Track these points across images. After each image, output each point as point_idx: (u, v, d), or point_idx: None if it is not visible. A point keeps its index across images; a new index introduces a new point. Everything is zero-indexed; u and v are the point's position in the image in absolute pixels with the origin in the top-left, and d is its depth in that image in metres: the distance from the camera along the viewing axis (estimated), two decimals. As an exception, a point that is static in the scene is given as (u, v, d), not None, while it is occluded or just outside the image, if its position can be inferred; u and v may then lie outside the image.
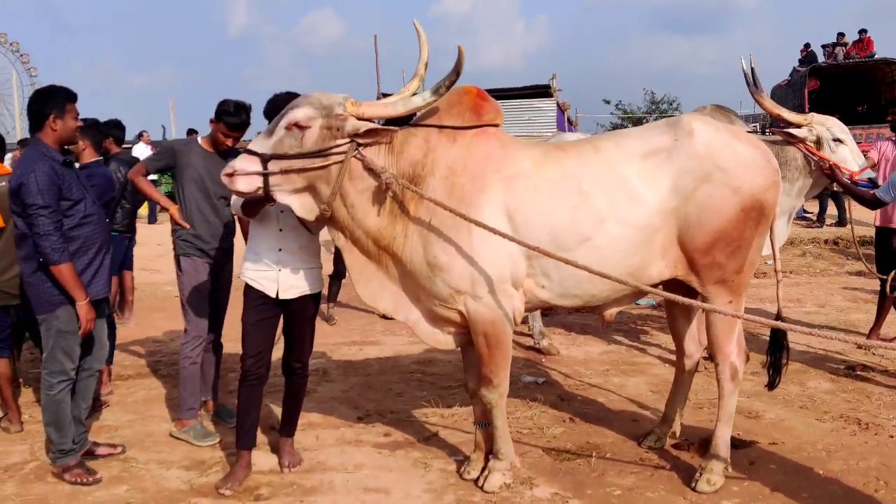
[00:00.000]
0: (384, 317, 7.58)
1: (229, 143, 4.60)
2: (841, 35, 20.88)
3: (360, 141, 3.53)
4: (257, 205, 3.84)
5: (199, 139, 4.78)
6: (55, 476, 4.11)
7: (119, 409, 5.22)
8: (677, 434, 4.41)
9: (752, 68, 5.25)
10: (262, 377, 4.08)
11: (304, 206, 3.66)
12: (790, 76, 22.44)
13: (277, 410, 4.65)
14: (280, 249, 4.00)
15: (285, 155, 3.49)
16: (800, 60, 22.27)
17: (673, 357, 6.14)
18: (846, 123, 5.31)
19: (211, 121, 4.62)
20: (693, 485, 3.85)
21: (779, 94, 21.34)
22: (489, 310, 3.65)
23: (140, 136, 17.15)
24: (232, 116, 4.52)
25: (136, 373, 6.01)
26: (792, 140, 5.05)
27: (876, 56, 20.03)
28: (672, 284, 3.81)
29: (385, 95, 18.82)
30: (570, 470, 4.12)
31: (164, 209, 4.97)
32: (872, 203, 5.02)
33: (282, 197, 3.60)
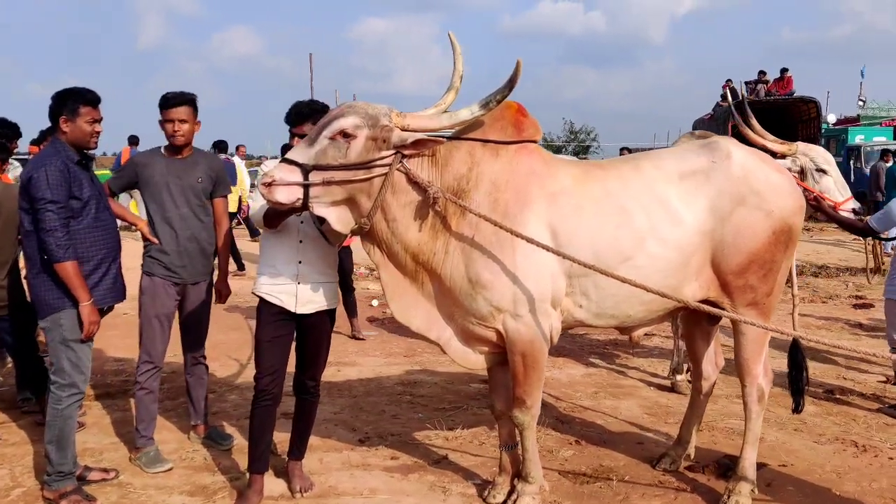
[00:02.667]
0: (354, 337, 7.52)
1: (176, 128, 4.31)
2: (762, 73, 21.92)
3: (406, 152, 3.42)
4: (282, 216, 3.68)
5: (162, 147, 4.55)
6: (49, 503, 3.79)
7: (98, 430, 4.89)
8: (692, 456, 4.41)
9: (742, 97, 5.38)
10: (276, 397, 3.89)
11: (341, 219, 3.52)
12: (713, 110, 23.41)
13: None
14: (300, 262, 3.83)
15: (328, 166, 3.35)
16: (722, 96, 23.24)
17: (654, 380, 6.28)
18: None
19: (159, 122, 4.39)
20: (721, 507, 3.85)
21: (701, 127, 22.16)
22: (529, 329, 3.58)
23: (237, 150, 15.43)
24: (169, 101, 4.29)
25: (104, 392, 5.65)
26: None
27: (795, 94, 21.10)
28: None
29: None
30: (593, 493, 4.07)
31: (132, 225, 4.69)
32: (863, 231, 5.20)
33: (319, 209, 3.45)
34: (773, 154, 5.20)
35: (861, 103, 28.77)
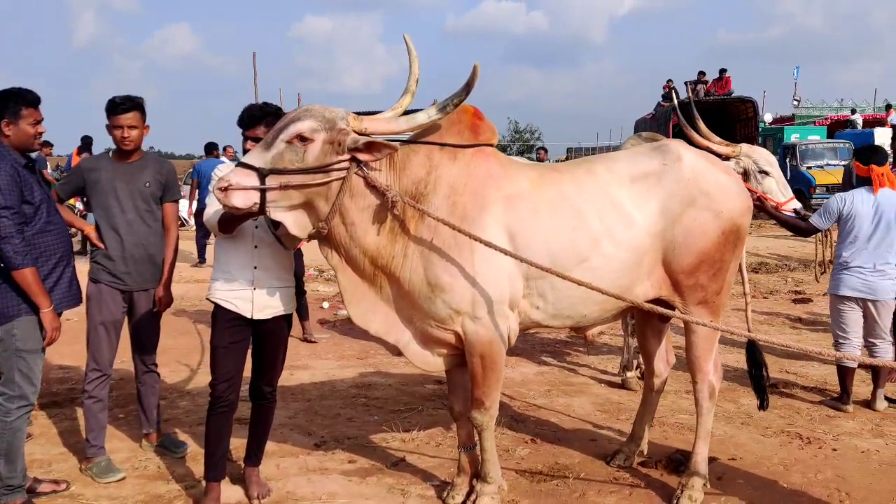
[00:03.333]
0: (306, 339, 7.47)
1: (125, 134, 4.23)
2: (702, 73, 22.41)
3: (360, 157, 3.42)
4: (238, 221, 3.64)
5: (110, 152, 4.47)
6: (-2, 518, 3.69)
7: (45, 440, 4.77)
8: (645, 452, 4.49)
9: (688, 98, 5.49)
10: (233, 403, 3.85)
11: (298, 224, 3.50)
12: (655, 110, 23.82)
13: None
14: (256, 267, 3.80)
15: (285, 170, 3.33)
16: (663, 96, 23.68)
17: (605, 377, 6.38)
18: None
19: (106, 126, 4.31)
20: (675, 502, 3.94)
21: (643, 127, 22.59)
22: (487, 331, 3.61)
23: (224, 151, 14.90)
24: (118, 107, 4.21)
25: (50, 401, 5.50)
26: None
27: (733, 94, 21.63)
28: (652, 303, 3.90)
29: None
30: (550, 491, 4.12)
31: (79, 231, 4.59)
32: (806, 231, 5.36)
33: (277, 213, 3.43)
34: (718, 156, 5.32)
35: (796, 103, 29.61)
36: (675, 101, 8.36)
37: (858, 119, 26.12)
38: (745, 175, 5.37)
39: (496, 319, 3.61)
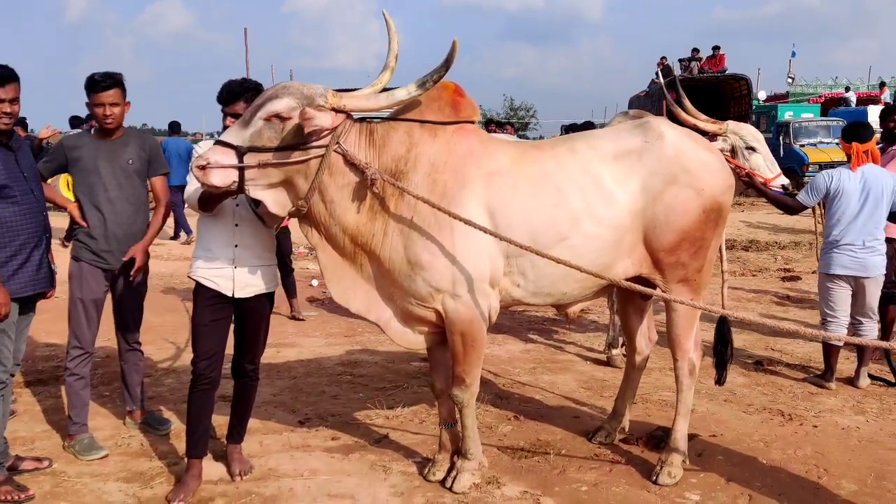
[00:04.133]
0: (293, 317, 7.47)
1: (107, 112, 4.19)
2: (696, 50, 22.32)
3: (337, 131, 3.40)
4: (218, 199, 3.63)
5: (92, 129, 4.44)
6: (-21, 494, 3.70)
7: (29, 418, 4.78)
8: (626, 429, 4.52)
9: (675, 75, 5.45)
10: (215, 381, 3.86)
11: (278, 202, 3.49)
12: (649, 87, 23.74)
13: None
14: (236, 245, 3.79)
15: (264, 147, 3.32)
16: (657, 73, 23.56)
17: (590, 355, 6.41)
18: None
19: (86, 104, 4.27)
20: (654, 478, 3.96)
21: (637, 104, 22.52)
22: (468, 309, 3.61)
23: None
24: (97, 84, 4.16)
25: (35, 379, 5.52)
26: None
27: (727, 71, 21.55)
28: (633, 281, 3.89)
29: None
30: (531, 468, 4.14)
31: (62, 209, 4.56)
32: (793, 207, 5.35)
33: (256, 192, 3.43)
34: (705, 133, 5.29)
35: (790, 80, 29.52)
36: (662, 81, 8.30)
37: (852, 97, 26.05)
38: (733, 152, 5.36)
39: (476, 297, 3.61)
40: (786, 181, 5.50)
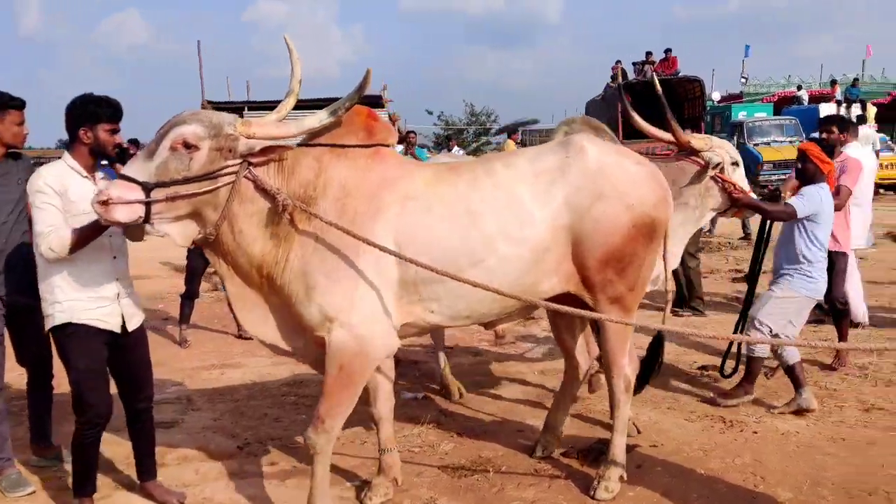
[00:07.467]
0: (240, 336, 7.36)
1: (14, 131, 4.10)
2: (649, 53, 22.53)
3: (254, 160, 3.33)
4: (96, 236, 3.49)
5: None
6: None
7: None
8: (560, 438, 4.50)
9: (634, 79, 5.29)
10: (105, 423, 3.72)
11: (184, 234, 3.39)
12: (604, 91, 23.88)
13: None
14: (118, 279, 3.71)
15: (172, 181, 3.21)
16: (612, 77, 23.75)
17: (539, 367, 6.38)
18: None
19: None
20: (592, 493, 3.95)
21: (594, 108, 22.67)
22: (355, 341, 3.46)
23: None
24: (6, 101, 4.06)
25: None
26: (703, 165, 4.79)
27: (680, 74, 21.76)
28: (565, 299, 3.86)
29: (210, 103, 18.03)
30: (470, 486, 4.11)
31: None
32: (790, 215, 5.03)
33: (162, 225, 3.31)
34: (695, 150, 4.85)
35: (744, 80, 29.94)
36: (620, 83, 8.16)
37: (804, 95, 26.53)
38: (721, 168, 4.90)
39: (369, 331, 3.48)
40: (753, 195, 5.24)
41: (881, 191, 20.24)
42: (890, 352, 6.16)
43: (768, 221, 5.38)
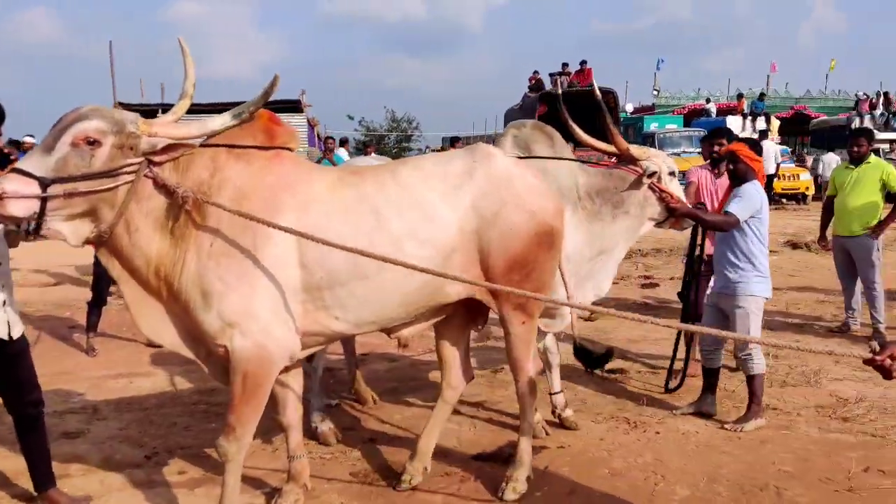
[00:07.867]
0: (150, 344, 7.20)
1: None
2: (565, 65, 23.03)
3: (156, 159, 3.28)
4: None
5: None
6: None
7: None
8: (428, 470, 4.28)
9: (557, 93, 5.34)
10: None
11: (77, 233, 3.29)
12: (522, 101, 24.31)
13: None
14: (3, 286, 3.64)
15: (71, 177, 3.12)
16: (529, 87, 24.20)
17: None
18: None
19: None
20: (500, 494, 4.04)
21: (513, 117, 23.04)
22: (257, 348, 3.43)
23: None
24: None
25: None
26: (640, 174, 4.86)
27: (594, 85, 22.33)
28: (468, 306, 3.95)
29: (122, 104, 17.61)
30: (380, 493, 4.15)
31: None
32: (731, 224, 5.00)
33: (54, 223, 3.19)
34: (634, 159, 4.90)
35: (655, 93, 30.88)
36: (560, 91, 8.31)
37: (713, 108, 27.56)
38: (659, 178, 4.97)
39: (270, 336, 3.46)
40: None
41: (783, 200, 21.22)
42: (785, 355, 6.50)
43: (700, 233, 5.51)
